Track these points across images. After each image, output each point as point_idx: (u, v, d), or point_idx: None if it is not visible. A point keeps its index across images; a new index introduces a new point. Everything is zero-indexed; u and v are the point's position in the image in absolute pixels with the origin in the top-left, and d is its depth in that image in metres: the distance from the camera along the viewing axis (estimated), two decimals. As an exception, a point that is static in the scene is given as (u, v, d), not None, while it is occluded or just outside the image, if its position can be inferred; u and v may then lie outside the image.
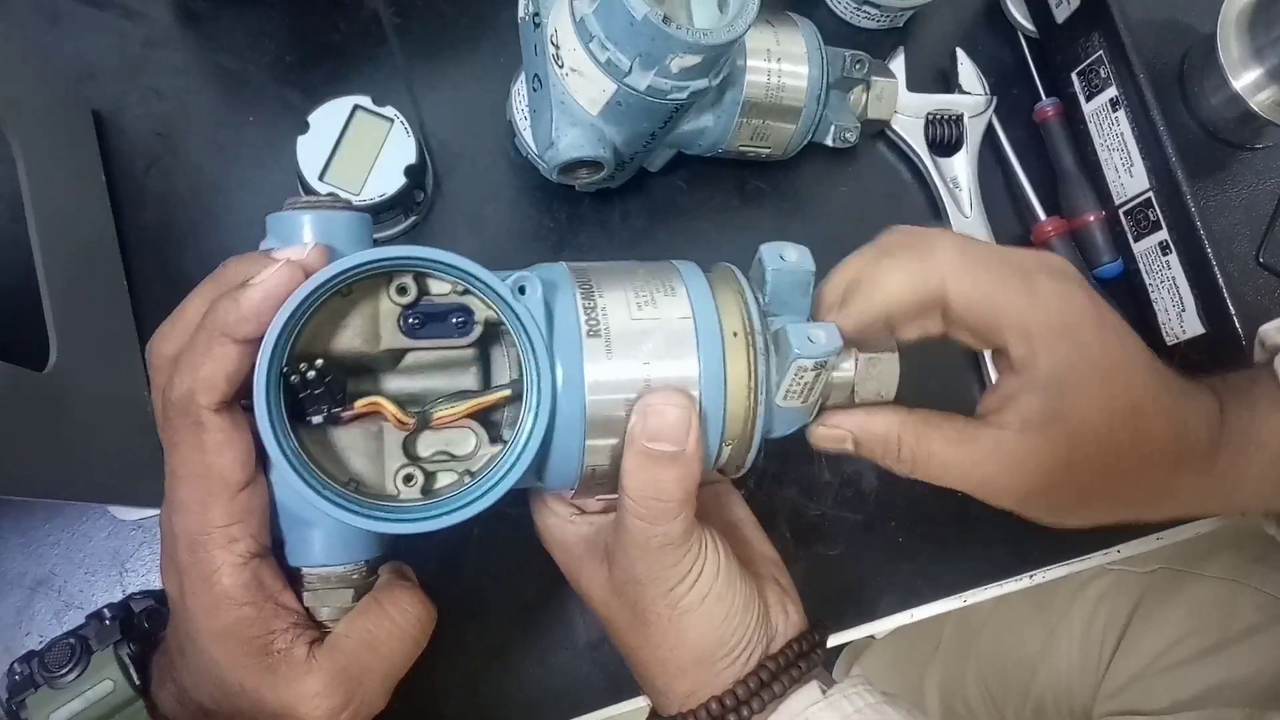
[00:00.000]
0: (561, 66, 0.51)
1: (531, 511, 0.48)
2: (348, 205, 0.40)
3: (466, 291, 0.38)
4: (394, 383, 0.40)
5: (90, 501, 0.53)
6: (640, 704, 0.58)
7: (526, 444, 0.37)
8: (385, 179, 0.57)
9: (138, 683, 0.41)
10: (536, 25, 0.52)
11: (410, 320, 0.38)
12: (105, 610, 0.44)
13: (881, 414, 0.43)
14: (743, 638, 0.42)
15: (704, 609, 0.41)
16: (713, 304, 0.40)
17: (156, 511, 0.57)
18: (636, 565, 0.41)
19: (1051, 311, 0.41)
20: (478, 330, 0.38)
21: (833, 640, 0.62)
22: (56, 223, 0.51)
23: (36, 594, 0.56)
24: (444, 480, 0.39)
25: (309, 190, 0.57)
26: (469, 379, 0.40)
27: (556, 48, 0.51)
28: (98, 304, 0.56)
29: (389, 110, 0.58)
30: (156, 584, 0.57)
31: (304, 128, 0.57)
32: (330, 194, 0.56)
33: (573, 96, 0.52)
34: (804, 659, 0.43)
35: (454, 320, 0.38)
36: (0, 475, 0.44)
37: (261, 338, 0.35)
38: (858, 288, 0.42)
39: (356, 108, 0.58)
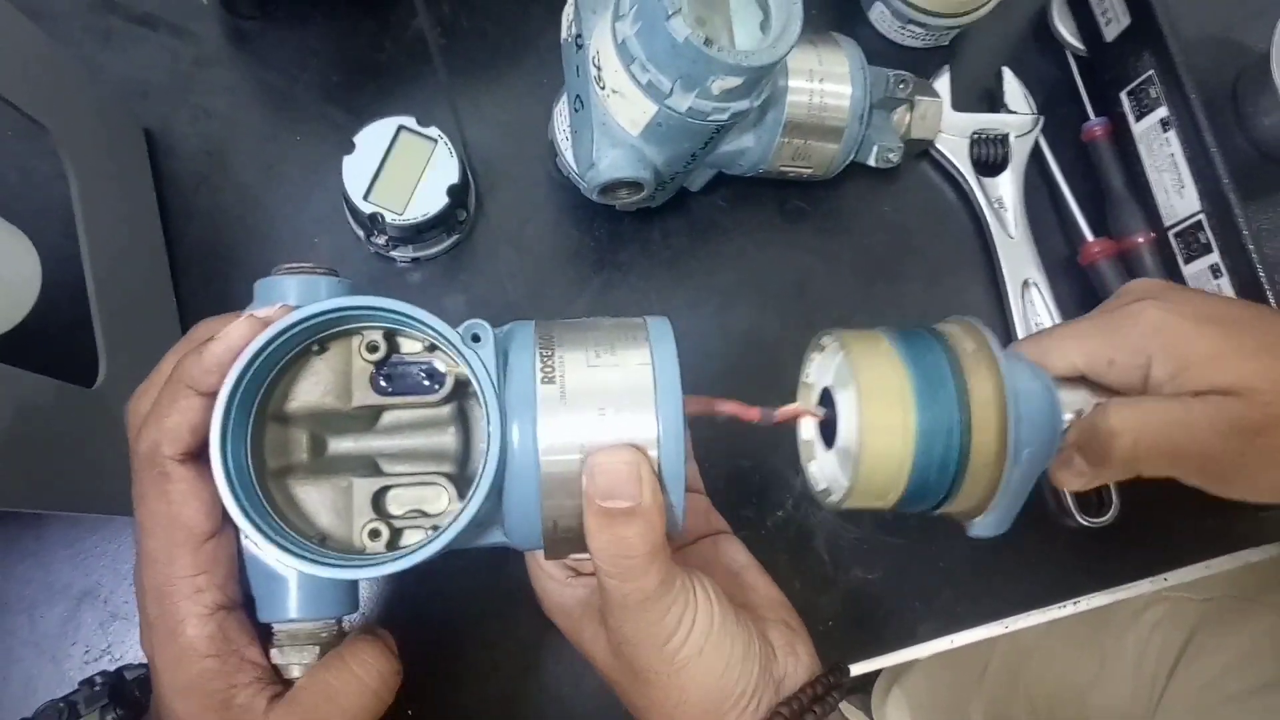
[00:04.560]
0: (603, 88, 0.51)
1: (530, 579, 0.47)
2: (330, 271, 0.41)
3: (434, 348, 0.39)
4: (375, 442, 0.40)
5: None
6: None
7: (479, 484, 0.36)
8: (428, 198, 0.58)
9: None
10: (579, 47, 0.52)
11: (381, 378, 0.39)
12: (97, 677, 0.45)
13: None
14: (748, 686, 0.41)
15: (702, 662, 0.40)
16: (673, 352, 0.39)
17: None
18: (624, 625, 0.39)
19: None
20: (448, 385, 0.38)
21: (871, 665, 0.62)
22: (107, 240, 0.52)
23: (83, 605, 0.57)
24: (412, 538, 0.39)
25: (354, 210, 0.58)
26: (448, 438, 0.40)
27: (598, 69, 0.51)
28: (146, 320, 0.57)
29: (433, 131, 0.58)
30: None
31: (349, 147, 0.58)
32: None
33: (614, 117, 0.52)
34: (820, 703, 0.42)
35: (422, 377, 0.39)
36: (49, 490, 0.45)
37: None
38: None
39: (401, 128, 0.58)
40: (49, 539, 0.58)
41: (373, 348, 0.38)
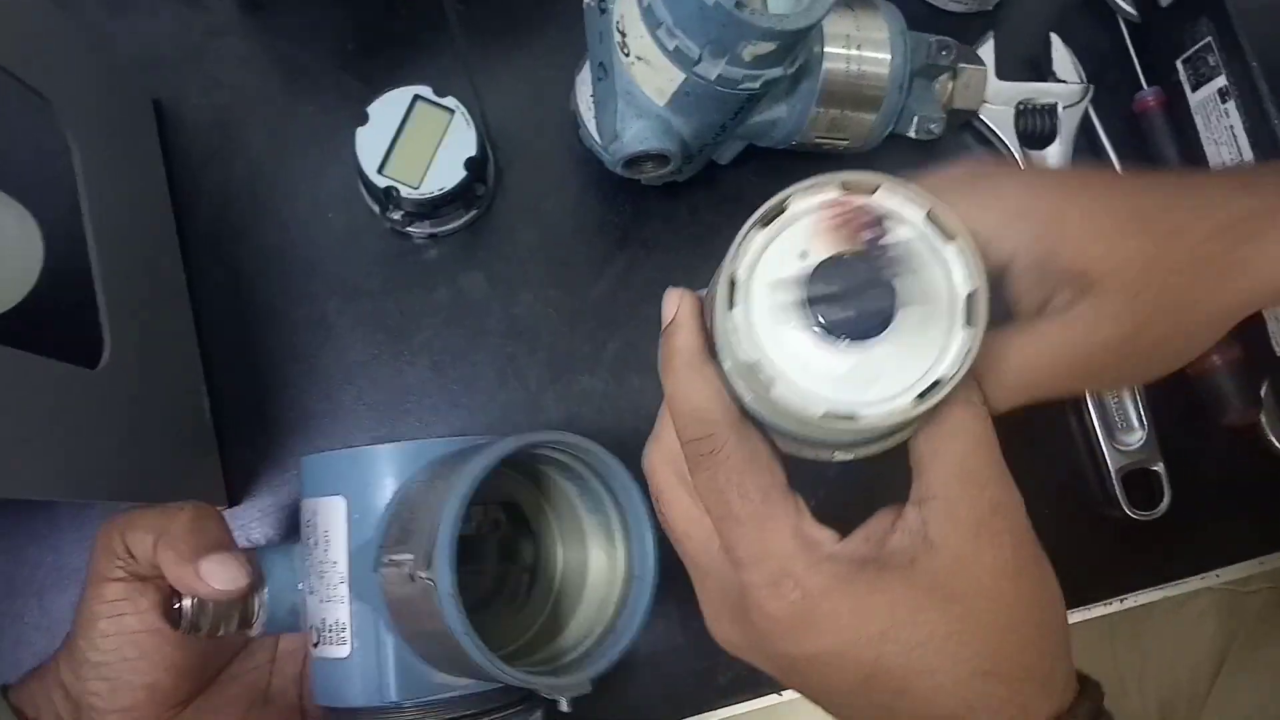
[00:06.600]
0: (628, 55, 0.49)
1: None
2: None
3: None
4: None
5: (143, 501, 0.52)
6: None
7: None
8: (445, 172, 0.56)
9: None
10: (603, 11, 0.49)
11: None
12: None
13: None
14: None
15: None
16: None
17: (210, 510, 0.57)
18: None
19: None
20: None
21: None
22: (113, 215, 0.50)
23: (92, 590, 0.56)
24: None
25: (368, 184, 0.55)
26: None
27: (623, 35, 0.48)
28: (154, 299, 0.55)
29: (450, 101, 0.56)
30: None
31: (363, 119, 0.55)
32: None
33: (639, 86, 0.49)
34: None
35: None
36: (52, 477, 0.43)
37: None
38: None
39: (417, 98, 0.56)
40: (58, 523, 0.57)
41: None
